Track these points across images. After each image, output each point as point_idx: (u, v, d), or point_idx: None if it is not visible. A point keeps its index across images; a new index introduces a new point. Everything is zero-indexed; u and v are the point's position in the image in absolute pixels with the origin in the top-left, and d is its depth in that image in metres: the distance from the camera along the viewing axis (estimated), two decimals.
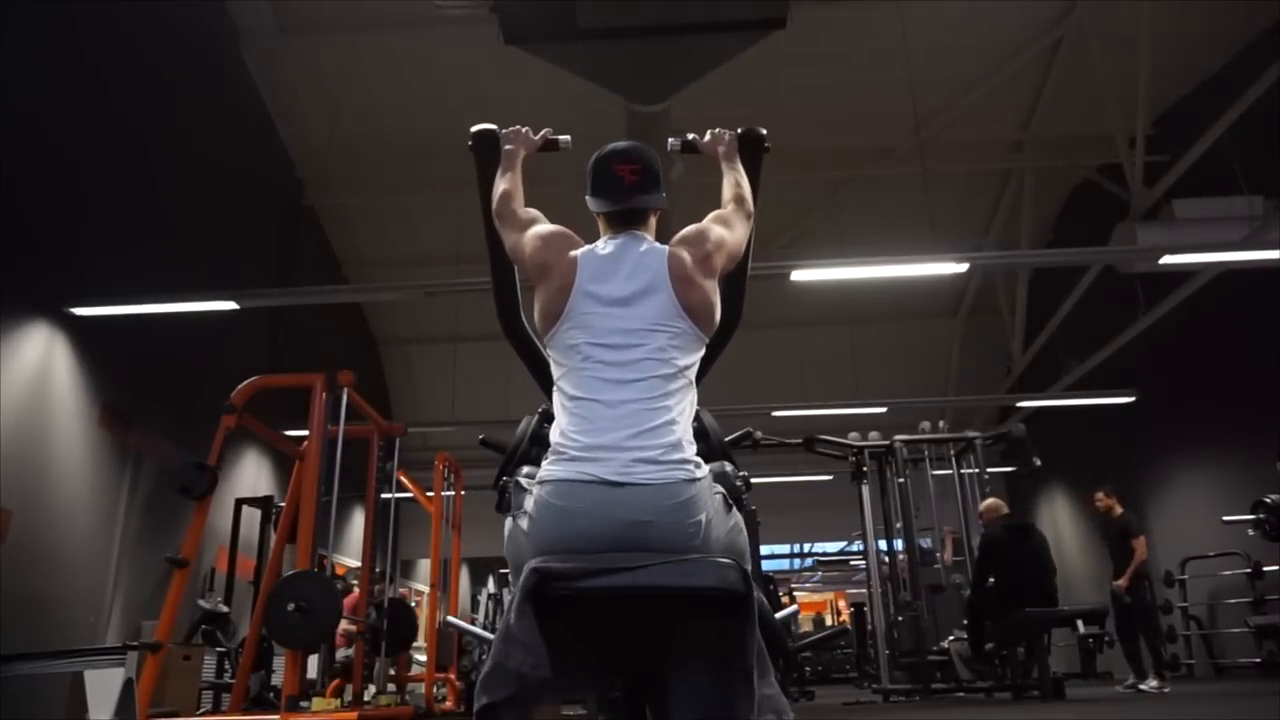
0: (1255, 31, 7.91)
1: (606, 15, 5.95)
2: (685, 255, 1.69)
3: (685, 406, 1.62)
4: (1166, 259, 6.76)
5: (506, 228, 1.86)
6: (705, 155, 2.06)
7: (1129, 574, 6.60)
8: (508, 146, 2.00)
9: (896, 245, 7.78)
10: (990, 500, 6.81)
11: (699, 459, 1.58)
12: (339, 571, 8.18)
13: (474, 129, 2.06)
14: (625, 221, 1.77)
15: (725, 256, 1.76)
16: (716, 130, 2.06)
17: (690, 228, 1.79)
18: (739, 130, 2.06)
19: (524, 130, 2.04)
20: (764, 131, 2.07)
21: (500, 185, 1.93)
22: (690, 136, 2.10)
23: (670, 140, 2.13)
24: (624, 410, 1.54)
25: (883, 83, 8.98)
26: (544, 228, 1.80)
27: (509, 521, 1.67)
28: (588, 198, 1.80)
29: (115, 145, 6.87)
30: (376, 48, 8.72)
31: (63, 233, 6.30)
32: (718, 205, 2.02)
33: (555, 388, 1.68)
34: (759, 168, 2.06)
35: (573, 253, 1.71)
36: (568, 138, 2.09)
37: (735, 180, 1.97)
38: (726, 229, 1.81)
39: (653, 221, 1.83)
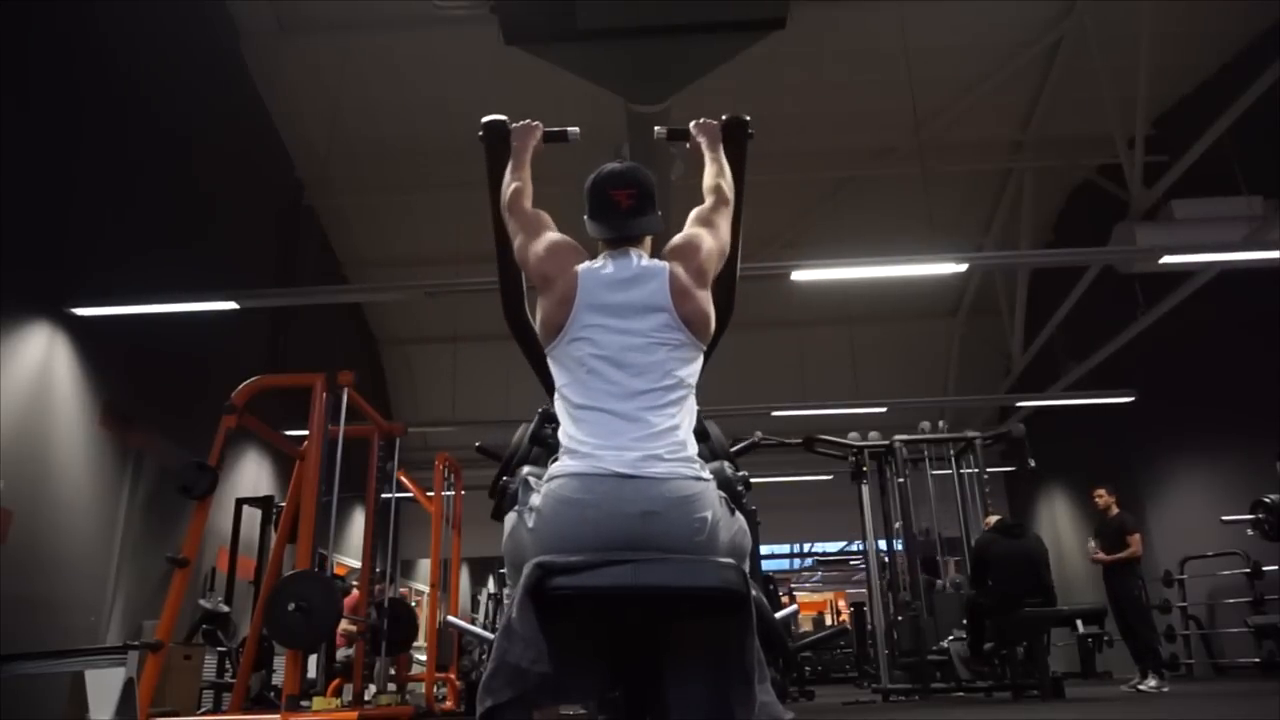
0: (1255, 31, 7.91)
1: (606, 15, 5.94)
2: (681, 271, 1.72)
3: (687, 414, 1.65)
4: (1166, 259, 6.77)
5: (516, 224, 1.89)
6: (691, 144, 2.11)
7: (1116, 556, 6.62)
8: (516, 143, 2.03)
9: (896, 245, 7.78)
10: (989, 518, 6.88)
11: (703, 462, 1.61)
12: (339, 572, 8.19)
13: (485, 119, 2.09)
14: (623, 244, 1.81)
15: (716, 260, 1.81)
16: (702, 120, 2.10)
17: (680, 238, 1.81)
18: (724, 118, 2.09)
19: (533, 124, 2.08)
20: (747, 118, 2.10)
21: (512, 182, 1.96)
22: (678, 127, 2.15)
23: (657, 129, 2.19)
24: (631, 419, 1.58)
25: (883, 83, 8.98)
26: (550, 238, 1.82)
27: (511, 517, 1.68)
28: (586, 220, 1.82)
29: (115, 145, 6.87)
30: (376, 48, 8.72)
31: (63, 233, 6.31)
32: None
33: (559, 395, 1.70)
34: (744, 155, 2.09)
35: (575, 267, 1.74)
36: (576, 129, 2.13)
37: (716, 170, 1.99)
38: (711, 232, 1.84)
39: (649, 240, 1.86)
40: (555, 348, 1.70)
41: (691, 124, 2.11)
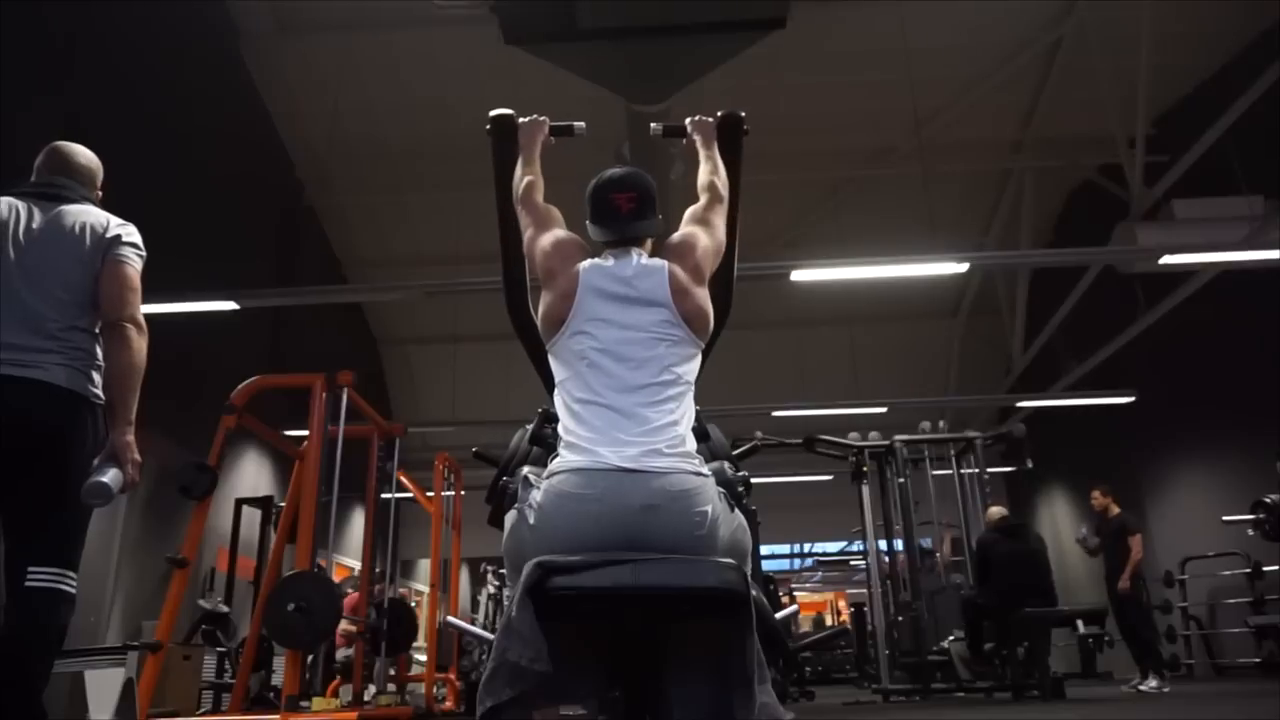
0: (1255, 31, 7.91)
1: (606, 15, 5.95)
2: (680, 270, 1.75)
3: (686, 410, 1.67)
4: (1166, 259, 6.76)
5: (527, 218, 1.91)
6: (687, 140, 2.13)
7: (1129, 574, 6.60)
8: (524, 139, 2.05)
9: (896, 245, 7.78)
10: (991, 509, 6.85)
11: (702, 459, 1.62)
12: (339, 575, 8.18)
13: (492, 113, 2.11)
14: (623, 246, 1.83)
15: (712, 258, 1.84)
16: (698, 117, 2.12)
17: (677, 237, 1.85)
18: (719, 114, 2.11)
19: (540, 119, 2.09)
20: (743, 114, 2.12)
21: (524, 176, 1.98)
22: (674, 124, 2.19)
23: (653, 126, 2.23)
24: (630, 414, 1.59)
25: (883, 83, 8.98)
26: (557, 234, 1.84)
27: (511, 516, 1.68)
28: (588, 224, 1.86)
29: (113, 145, 6.84)
30: (376, 48, 8.72)
31: None
32: None
33: (559, 390, 1.71)
34: (740, 151, 2.11)
35: (578, 265, 1.76)
36: (582, 124, 2.14)
37: (710, 168, 2.02)
38: (707, 230, 1.87)
39: (649, 243, 1.89)
40: (556, 342, 1.72)
41: (687, 120, 2.13)
